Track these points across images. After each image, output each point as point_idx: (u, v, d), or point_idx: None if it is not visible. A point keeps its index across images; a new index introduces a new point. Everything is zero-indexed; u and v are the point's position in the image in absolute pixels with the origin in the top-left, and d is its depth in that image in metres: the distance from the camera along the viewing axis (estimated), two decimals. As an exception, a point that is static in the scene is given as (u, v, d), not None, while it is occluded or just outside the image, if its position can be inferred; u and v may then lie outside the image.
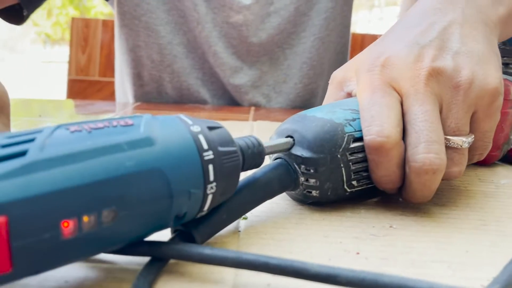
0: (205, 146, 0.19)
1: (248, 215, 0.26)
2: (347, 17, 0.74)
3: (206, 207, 0.20)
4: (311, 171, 0.26)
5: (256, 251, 0.21)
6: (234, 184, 0.21)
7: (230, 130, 0.22)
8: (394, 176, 0.26)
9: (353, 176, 0.26)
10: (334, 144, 0.26)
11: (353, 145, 0.26)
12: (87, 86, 0.99)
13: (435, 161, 0.25)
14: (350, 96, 0.32)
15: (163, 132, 0.18)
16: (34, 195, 0.14)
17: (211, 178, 0.19)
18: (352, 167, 0.26)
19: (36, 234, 0.15)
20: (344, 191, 0.27)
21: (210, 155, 0.19)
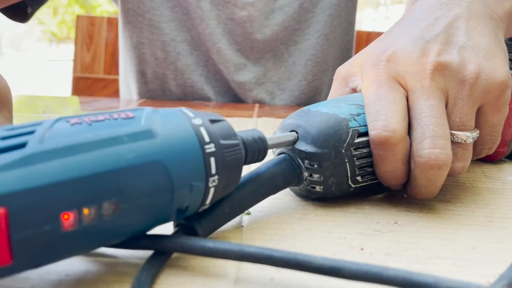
0: (206, 139, 0.19)
1: (251, 210, 0.26)
2: (351, 13, 0.74)
3: (208, 201, 0.20)
4: (315, 166, 0.25)
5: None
6: (236, 178, 0.21)
7: (234, 127, 0.22)
8: (399, 172, 0.26)
9: (357, 172, 0.26)
10: (338, 139, 0.25)
11: (357, 140, 0.26)
12: (92, 83, 1.00)
13: (441, 156, 0.24)
14: (355, 91, 0.31)
15: (164, 125, 0.18)
16: (33, 187, 0.14)
17: (213, 171, 0.19)
18: (357, 163, 0.26)
19: (36, 226, 0.14)
20: (349, 186, 0.26)
21: (211, 148, 0.19)
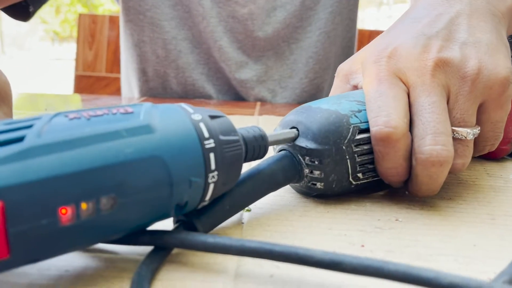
0: (206, 135, 0.19)
1: (251, 207, 0.26)
2: (353, 11, 0.73)
3: (207, 197, 0.20)
4: (316, 162, 0.25)
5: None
6: (236, 174, 0.21)
7: (235, 125, 0.22)
8: (400, 169, 0.26)
9: (358, 168, 0.26)
10: (339, 135, 0.25)
11: (358, 136, 0.26)
12: (94, 81, 1.00)
13: (442, 153, 0.24)
14: (356, 88, 0.31)
15: (163, 120, 0.18)
16: (31, 181, 0.14)
17: (213, 166, 0.19)
18: (358, 159, 0.26)
19: (33, 220, 0.14)
20: (349, 183, 0.26)
21: (211, 144, 0.19)
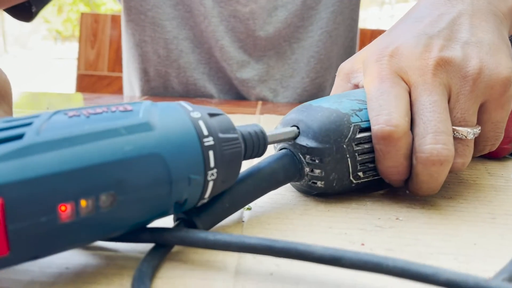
0: (205, 132, 0.19)
1: (252, 205, 0.26)
2: (354, 10, 0.73)
3: (207, 195, 0.20)
4: (316, 161, 0.25)
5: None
6: (235, 172, 0.21)
7: (236, 123, 0.22)
8: (401, 167, 0.25)
9: (359, 167, 0.26)
10: (339, 134, 0.25)
11: (359, 135, 0.26)
12: (96, 81, 1.00)
13: (443, 152, 0.24)
14: (357, 87, 0.31)
15: (162, 118, 0.18)
16: (30, 178, 0.14)
17: (212, 164, 0.19)
18: (358, 158, 0.26)
19: (32, 217, 0.14)
20: (350, 182, 0.26)
21: (210, 141, 0.19)
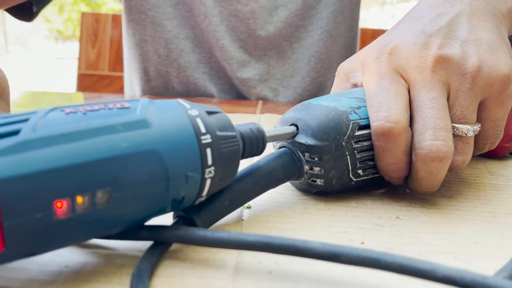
0: (203, 130, 0.19)
1: (251, 204, 0.26)
2: (355, 10, 0.73)
3: (204, 192, 0.20)
4: (316, 159, 0.25)
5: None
6: (233, 170, 0.21)
7: (237, 123, 0.22)
8: (401, 164, 0.25)
9: (358, 165, 0.26)
10: (338, 132, 0.25)
11: (358, 132, 0.26)
12: (97, 80, 1.00)
13: (442, 148, 0.24)
14: (356, 87, 0.31)
15: (160, 115, 0.18)
16: (25, 174, 0.14)
17: (209, 162, 0.19)
18: (358, 156, 0.26)
19: (28, 213, 0.14)
20: (350, 180, 0.26)
21: (208, 139, 0.19)
